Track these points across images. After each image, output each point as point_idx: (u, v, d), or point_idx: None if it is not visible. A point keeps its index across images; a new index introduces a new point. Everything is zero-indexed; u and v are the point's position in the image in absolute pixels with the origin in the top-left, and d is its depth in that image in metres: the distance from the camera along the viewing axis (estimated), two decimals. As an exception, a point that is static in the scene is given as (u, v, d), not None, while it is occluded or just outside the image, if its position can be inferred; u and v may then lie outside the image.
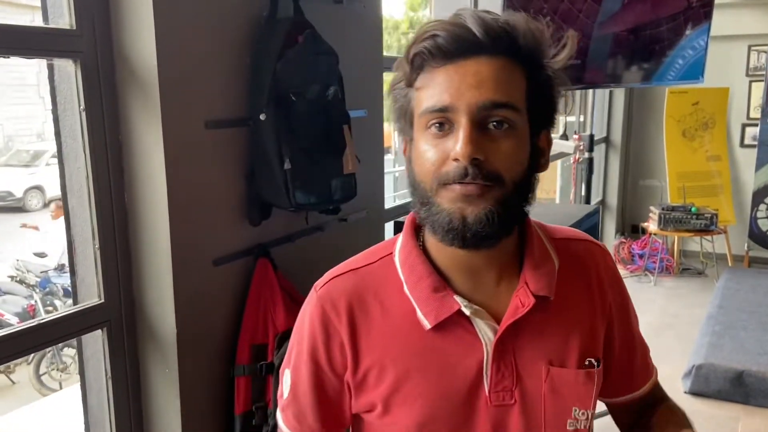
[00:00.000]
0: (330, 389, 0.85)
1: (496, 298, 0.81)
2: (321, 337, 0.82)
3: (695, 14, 2.74)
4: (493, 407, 0.80)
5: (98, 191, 1.38)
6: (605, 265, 0.89)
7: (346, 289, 0.83)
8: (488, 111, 0.72)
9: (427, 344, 0.80)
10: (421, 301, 0.80)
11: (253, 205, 1.59)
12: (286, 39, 1.54)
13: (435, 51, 0.73)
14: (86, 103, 1.34)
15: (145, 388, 1.51)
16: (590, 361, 0.83)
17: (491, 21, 0.73)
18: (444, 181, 0.73)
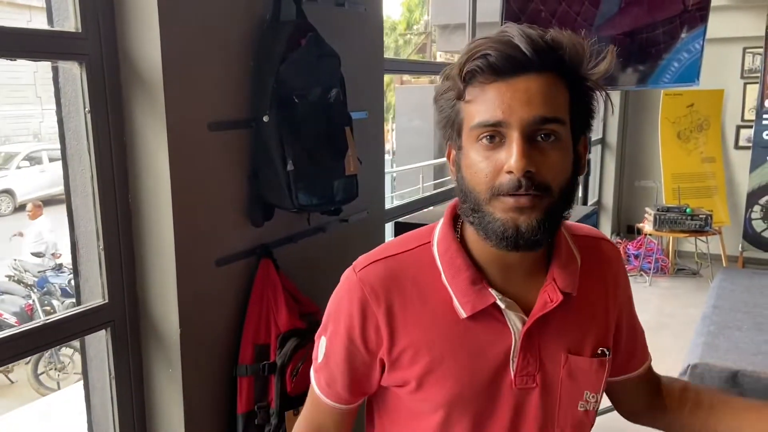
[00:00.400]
0: (360, 364, 0.91)
1: (525, 292, 0.88)
2: (358, 319, 0.89)
3: (691, 17, 2.77)
4: (517, 389, 0.88)
5: (103, 192, 1.39)
6: (619, 262, 0.99)
7: (386, 275, 0.89)
8: (538, 125, 0.78)
9: (461, 331, 0.87)
10: (459, 292, 0.87)
11: (255, 206, 1.61)
12: (288, 42, 1.56)
13: (486, 69, 0.78)
14: (91, 105, 1.35)
15: (148, 387, 1.52)
16: (602, 350, 0.92)
17: (537, 39, 0.78)
18: (498, 192, 0.79)
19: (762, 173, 5.16)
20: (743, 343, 3.53)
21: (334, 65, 1.68)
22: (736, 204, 5.54)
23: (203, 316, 1.51)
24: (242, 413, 1.56)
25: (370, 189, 2.10)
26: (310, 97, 1.60)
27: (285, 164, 1.53)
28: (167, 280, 1.43)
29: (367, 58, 2.06)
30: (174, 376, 1.47)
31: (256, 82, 1.56)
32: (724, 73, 5.50)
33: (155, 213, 1.42)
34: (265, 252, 1.64)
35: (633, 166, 6.02)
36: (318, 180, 1.62)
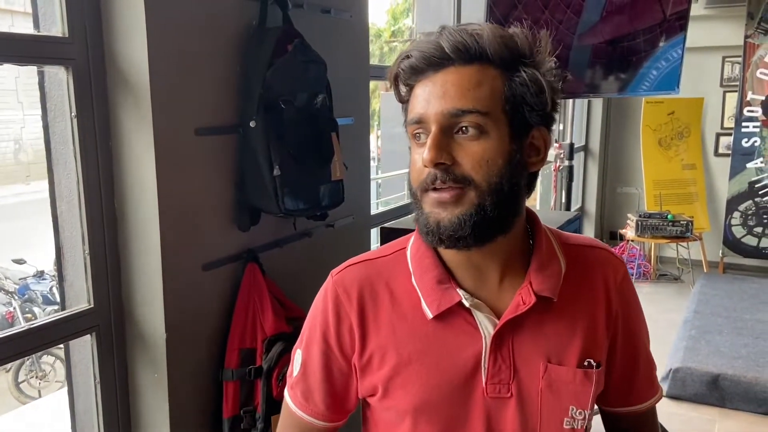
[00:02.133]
0: (337, 371, 0.89)
1: (499, 294, 0.85)
2: (333, 320, 0.88)
3: (671, 26, 2.82)
4: (489, 398, 0.83)
5: (88, 197, 1.39)
6: (617, 274, 0.91)
7: (359, 277, 0.89)
8: (455, 118, 0.77)
9: (428, 332, 0.84)
10: (425, 292, 0.85)
11: (242, 210, 1.61)
12: (275, 48, 1.57)
13: (409, 70, 0.81)
14: (78, 109, 1.35)
15: (133, 392, 1.52)
16: (589, 361, 0.85)
17: (459, 33, 0.78)
18: (423, 187, 0.80)
19: (741, 180, 5.25)
20: (724, 347, 3.59)
21: (321, 71, 1.69)
22: (716, 210, 5.63)
23: (189, 320, 1.51)
24: (228, 418, 1.56)
25: (355, 194, 2.11)
26: (296, 103, 1.61)
27: (271, 169, 1.54)
28: (153, 285, 1.43)
29: (353, 64, 2.08)
30: (159, 381, 1.47)
31: (243, 87, 1.57)
32: (704, 82, 5.59)
33: (141, 218, 1.42)
34: (251, 257, 1.64)
35: (615, 172, 6.10)
36: (304, 185, 1.63)
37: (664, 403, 3.31)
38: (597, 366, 0.86)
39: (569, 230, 2.22)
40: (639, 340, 0.94)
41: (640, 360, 0.95)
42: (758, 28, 5.02)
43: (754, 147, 5.19)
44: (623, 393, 0.95)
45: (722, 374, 3.27)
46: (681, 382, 3.34)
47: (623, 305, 0.91)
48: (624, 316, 0.91)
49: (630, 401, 0.96)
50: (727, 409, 3.24)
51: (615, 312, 0.90)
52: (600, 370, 0.87)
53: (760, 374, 3.23)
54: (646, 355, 0.96)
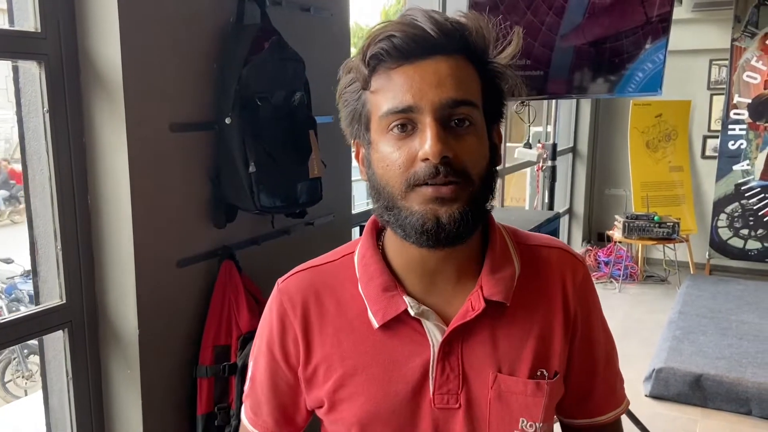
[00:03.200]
0: (284, 384, 0.86)
1: (450, 300, 0.80)
2: (277, 330, 0.84)
3: (654, 29, 2.84)
4: (437, 409, 0.79)
5: (61, 192, 1.39)
6: (576, 275, 0.86)
7: (305, 285, 0.84)
8: (451, 109, 0.72)
9: (375, 343, 0.80)
10: (371, 300, 0.80)
11: (218, 207, 1.61)
12: (252, 45, 1.57)
13: (393, 51, 0.72)
14: (50, 104, 1.35)
15: (106, 389, 1.51)
16: (542, 371, 0.81)
17: (443, 21, 0.73)
18: (414, 182, 0.72)
19: (727, 182, 5.29)
20: (707, 348, 3.61)
21: (298, 69, 1.69)
22: (703, 212, 5.66)
23: (163, 317, 1.51)
24: (202, 414, 1.56)
25: (336, 193, 2.12)
26: (273, 100, 1.61)
27: (247, 166, 1.54)
28: (126, 281, 1.43)
29: (334, 62, 2.06)
30: (132, 377, 1.47)
31: (219, 84, 1.57)
32: (691, 85, 5.63)
33: (114, 214, 1.42)
34: (227, 254, 1.64)
35: (603, 174, 6.12)
36: (281, 182, 1.64)
37: (647, 403, 3.34)
38: (552, 376, 0.81)
39: (548, 230, 2.24)
40: (598, 345, 0.88)
41: (599, 367, 0.89)
42: (745, 32, 5.05)
43: (740, 149, 5.22)
44: (581, 403, 0.89)
45: (705, 374, 3.28)
46: (664, 382, 3.35)
47: (582, 308, 0.85)
48: (583, 319, 0.85)
49: (589, 412, 0.90)
50: (709, 409, 3.26)
51: (573, 316, 0.84)
52: (555, 380, 0.82)
53: (742, 374, 3.25)
54: (607, 363, 0.90)
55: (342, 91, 0.79)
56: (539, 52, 2.64)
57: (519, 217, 2.13)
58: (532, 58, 2.64)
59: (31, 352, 4.71)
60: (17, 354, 4.93)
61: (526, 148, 3.18)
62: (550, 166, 2.97)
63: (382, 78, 0.74)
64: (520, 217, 2.12)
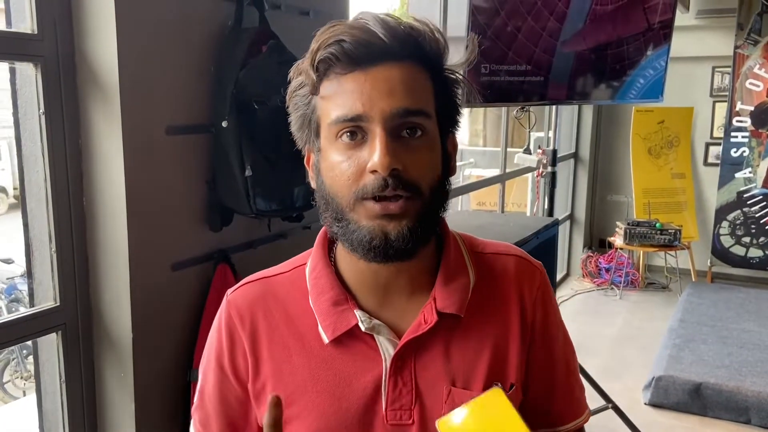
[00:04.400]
0: (233, 399, 0.82)
1: (403, 313, 0.78)
2: (227, 345, 0.81)
3: (655, 36, 2.84)
4: (390, 426, 0.76)
5: (56, 194, 1.39)
6: (533, 283, 0.84)
7: (254, 297, 0.81)
8: (402, 118, 0.70)
9: (326, 358, 0.77)
10: (321, 314, 0.78)
11: (213, 210, 1.61)
12: (249, 48, 1.57)
13: (342, 57, 0.70)
14: (46, 106, 1.35)
15: (99, 392, 1.51)
16: (497, 384, 0.77)
17: (396, 26, 0.71)
18: (362, 196, 0.70)
19: (730, 190, 5.28)
20: (707, 356, 3.60)
21: (296, 73, 1.69)
22: (705, 219, 5.64)
23: (157, 320, 1.50)
24: (195, 419, 1.55)
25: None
26: (270, 104, 1.60)
27: (243, 169, 1.54)
28: (120, 284, 1.43)
29: (333, 67, 2.08)
30: (126, 381, 1.46)
31: (216, 87, 1.57)
32: (693, 92, 5.63)
33: (110, 216, 1.41)
34: (222, 257, 1.64)
35: (605, 180, 6.11)
36: (277, 186, 1.63)
37: (646, 411, 3.32)
38: (508, 388, 0.79)
39: (547, 237, 2.23)
40: (557, 354, 0.86)
41: (558, 375, 0.87)
42: (748, 39, 5.05)
43: (742, 157, 5.21)
44: (541, 412, 0.86)
45: (704, 383, 3.27)
46: (663, 390, 3.34)
47: (540, 317, 0.83)
48: (541, 328, 0.83)
49: (549, 422, 0.87)
50: (708, 417, 3.24)
51: (531, 324, 0.82)
52: (511, 392, 0.79)
53: (741, 383, 3.23)
54: (567, 372, 0.88)
55: (292, 94, 0.77)
56: (540, 57, 2.63)
57: (517, 223, 2.13)
58: (532, 63, 2.64)
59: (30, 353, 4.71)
60: (16, 354, 4.94)
61: (526, 153, 3.18)
62: (550, 171, 2.97)
63: (332, 83, 0.72)
64: (517, 223, 2.11)
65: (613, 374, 3.72)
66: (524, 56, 2.60)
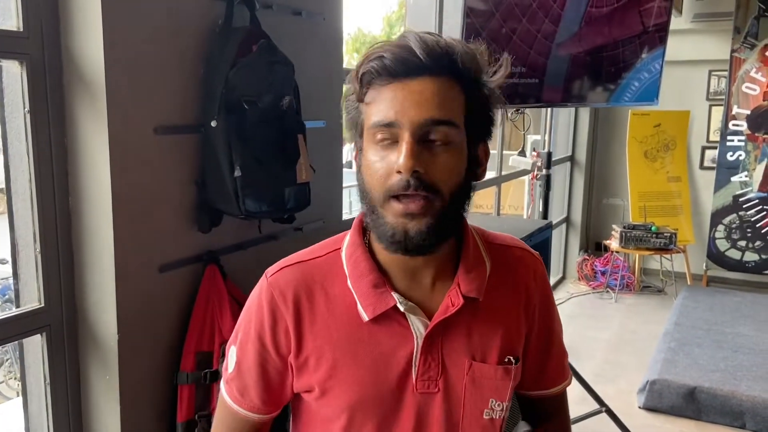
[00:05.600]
0: (272, 370, 0.92)
1: (430, 296, 0.90)
2: (268, 322, 0.90)
3: (651, 38, 2.83)
4: (419, 394, 0.88)
5: (41, 194, 1.37)
6: (536, 272, 0.98)
7: (295, 279, 0.90)
8: (429, 127, 0.79)
9: (364, 335, 0.88)
10: (361, 296, 0.88)
11: (202, 211, 1.59)
12: (240, 48, 1.55)
13: (382, 71, 0.80)
14: (31, 105, 1.33)
15: (84, 394, 1.49)
16: (509, 358, 0.92)
17: (433, 43, 0.80)
18: (389, 194, 0.80)
19: (726, 193, 5.27)
20: (702, 360, 3.58)
21: (287, 73, 1.67)
22: (701, 223, 5.64)
23: (144, 322, 1.48)
24: (182, 422, 1.53)
25: (326, 198, 2.10)
26: (260, 104, 1.59)
27: (232, 170, 1.52)
28: (106, 285, 1.41)
29: (326, 67, 2.07)
30: (111, 383, 1.44)
31: (205, 86, 1.55)
32: (690, 95, 5.62)
33: (95, 217, 1.40)
34: (211, 258, 1.62)
35: (602, 184, 6.11)
36: (267, 187, 1.62)
37: (640, 414, 3.31)
38: (515, 362, 0.93)
39: (540, 238, 2.22)
40: (553, 331, 1.02)
41: (553, 349, 1.02)
42: (744, 43, 5.05)
43: (738, 161, 5.21)
44: (536, 378, 1.02)
45: (699, 387, 3.25)
46: (658, 394, 3.32)
47: (540, 300, 0.98)
48: (540, 309, 0.98)
49: (542, 386, 1.03)
50: (703, 422, 3.23)
51: (533, 306, 0.97)
52: (518, 365, 0.94)
53: (736, 387, 3.22)
54: (558, 345, 1.04)
55: (345, 98, 0.89)
56: (534, 59, 2.62)
57: (511, 225, 2.11)
58: (527, 65, 2.62)
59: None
60: (10, 355, 4.91)
61: (521, 156, 3.16)
62: (545, 174, 2.95)
63: (374, 92, 0.82)
64: (512, 226, 2.10)
65: (608, 378, 3.70)
66: (519, 58, 2.59)
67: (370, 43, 8.32)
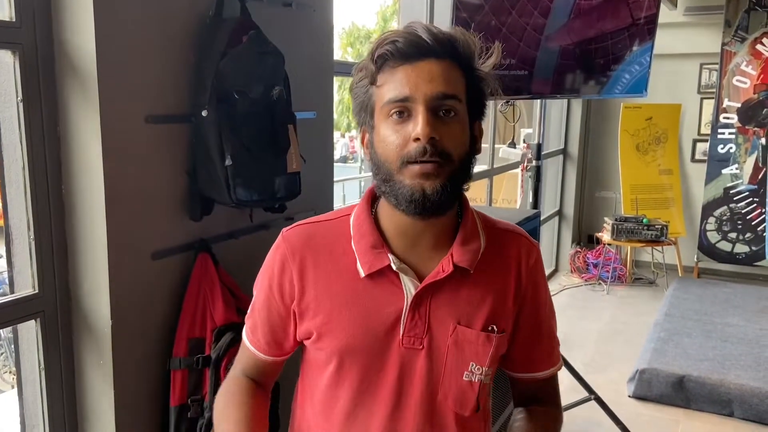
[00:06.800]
0: (276, 315, 1.04)
1: (426, 261, 0.98)
2: (277, 271, 1.02)
3: (640, 31, 2.85)
4: (404, 348, 0.97)
5: (34, 182, 1.39)
6: (530, 256, 1.05)
7: (305, 236, 1.02)
8: (439, 101, 0.89)
9: (359, 288, 0.97)
10: (360, 253, 0.98)
11: (193, 200, 1.61)
12: (230, 38, 1.57)
13: (395, 53, 0.90)
14: (24, 94, 1.35)
15: (79, 380, 1.51)
16: (492, 327, 0.99)
17: (438, 32, 0.91)
18: (407, 160, 0.89)
19: (716, 186, 5.32)
20: (691, 350, 3.63)
21: (277, 63, 1.70)
22: (692, 215, 5.69)
23: (137, 308, 1.51)
24: (175, 406, 1.56)
25: (317, 188, 2.12)
26: (251, 94, 1.61)
27: (223, 159, 1.54)
28: (99, 272, 1.43)
29: (316, 59, 2.09)
30: (105, 369, 1.47)
31: (196, 76, 1.57)
32: (681, 88, 5.66)
33: (88, 204, 1.42)
34: (203, 246, 1.64)
35: (594, 176, 6.15)
36: (258, 176, 1.64)
37: (629, 403, 3.35)
38: (500, 332, 0.99)
39: (528, 228, 2.24)
40: (542, 316, 1.07)
41: (542, 333, 1.08)
42: (735, 36, 5.08)
43: (729, 153, 5.25)
44: (525, 360, 1.08)
45: (687, 376, 3.30)
46: (647, 382, 3.37)
47: (532, 284, 1.04)
48: (532, 293, 1.04)
49: (531, 368, 1.09)
50: (691, 410, 3.28)
51: (524, 288, 1.03)
52: (502, 336, 1.00)
53: (724, 376, 3.27)
54: (548, 330, 1.09)
55: (353, 86, 0.97)
56: (524, 52, 2.65)
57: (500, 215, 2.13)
58: (517, 57, 2.65)
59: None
60: (5, 349, 4.92)
61: (511, 147, 3.19)
62: (535, 165, 2.98)
63: (386, 74, 0.91)
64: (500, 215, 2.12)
65: (599, 367, 3.75)
66: (508, 51, 2.61)
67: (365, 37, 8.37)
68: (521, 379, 1.11)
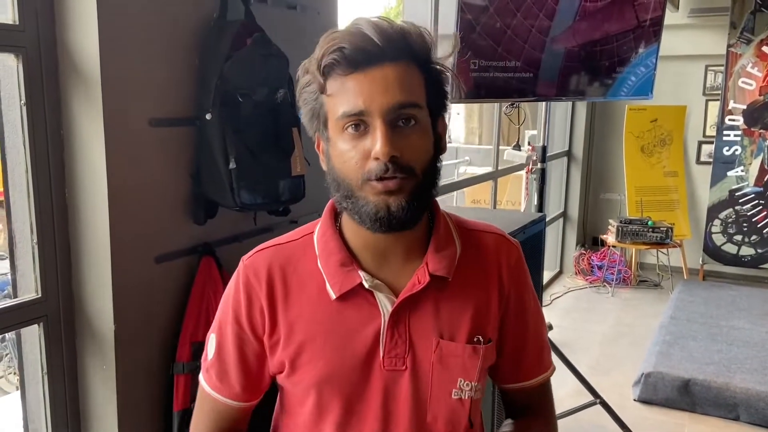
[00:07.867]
0: (251, 352, 0.94)
1: (399, 275, 0.91)
2: (245, 303, 0.92)
3: (646, 33, 2.84)
4: (386, 371, 0.89)
5: (38, 186, 1.38)
6: (510, 257, 0.98)
7: (269, 261, 0.93)
8: (397, 111, 0.82)
9: (332, 312, 0.90)
10: (329, 274, 0.90)
11: (198, 203, 1.61)
12: (234, 41, 1.57)
13: (343, 61, 0.81)
14: (27, 97, 1.35)
15: (82, 384, 1.51)
16: (478, 338, 0.92)
17: (388, 29, 0.82)
18: (368, 178, 0.82)
19: (722, 188, 5.29)
20: (697, 353, 3.61)
21: (282, 66, 1.69)
22: (697, 218, 5.66)
23: (140, 312, 1.50)
24: (178, 411, 1.55)
25: (321, 191, 2.10)
26: (255, 97, 1.60)
27: (227, 162, 1.54)
28: (102, 276, 1.43)
29: (321, 61, 2.08)
30: (108, 373, 1.46)
31: (200, 79, 1.56)
32: (686, 90, 5.64)
33: (91, 208, 1.41)
34: (207, 250, 1.64)
35: (598, 178, 6.12)
36: (262, 179, 1.63)
37: (635, 407, 3.33)
38: (486, 342, 0.93)
39: (534, 231, 2.23)
40: (528, 319, 1.00)
41: (529, 338, 1.00)
42: (740, 38, 5.06)
43: (735, 155, 5.22)
44: (513, 369, 1.01)
45: (693, 379, 3.28)
46: (653, 386, 3.35)
47: (515, 286, 0.97)
48: (516, 296, 0.97)
49: (520, 377, 1.02)
50: (697, 414, 3.25)
51: (507, 292, 0.96)
52: (489, 345, 0.93)
53: (730, 380, 3.24)
54: (536, 335, 1.02)
55: (301, 90, 0.88)
56: (529, 54, 2.63)
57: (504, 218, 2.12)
58: (521, 59, 2.64)
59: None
60: (9, 351, 4.92)
61: (515, 149, 3.18)
62: (540, 168, 2.97)
63: (336, 83, 0.83)
64: (505, 218, 2.11)
65: (603, 370, 3.73)
66: (513, 53, 2.60)
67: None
68: (510, 389, 1.04)
